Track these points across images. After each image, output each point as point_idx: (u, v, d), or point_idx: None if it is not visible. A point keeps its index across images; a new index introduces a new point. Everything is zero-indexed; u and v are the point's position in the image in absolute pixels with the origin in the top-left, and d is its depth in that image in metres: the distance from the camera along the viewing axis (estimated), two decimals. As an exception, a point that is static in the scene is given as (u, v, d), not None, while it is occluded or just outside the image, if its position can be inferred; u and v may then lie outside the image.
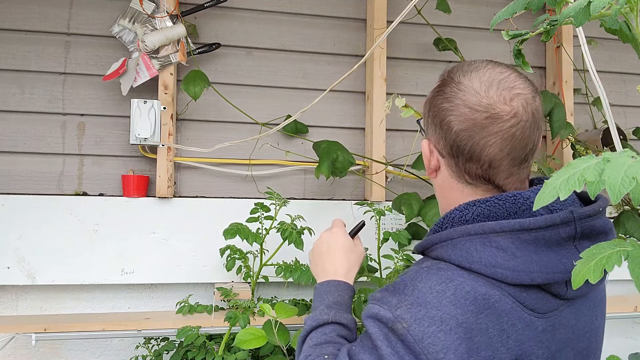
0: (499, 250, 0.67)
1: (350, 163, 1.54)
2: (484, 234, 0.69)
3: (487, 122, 0.71)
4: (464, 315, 0.64)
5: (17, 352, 1.61)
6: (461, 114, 0.72)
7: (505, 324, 0.65)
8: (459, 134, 0.72)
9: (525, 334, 0.66)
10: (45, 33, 1.65)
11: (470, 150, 0.72)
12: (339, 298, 0.91)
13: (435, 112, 0.76)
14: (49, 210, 1.56)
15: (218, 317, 1.47)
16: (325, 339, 0.83)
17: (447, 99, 0.74)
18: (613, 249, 0.56)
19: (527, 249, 0.67)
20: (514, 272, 0.66)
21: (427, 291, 0.67)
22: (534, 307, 0.68)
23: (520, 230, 0.67)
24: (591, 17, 0.58)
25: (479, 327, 0.64)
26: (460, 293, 0.66)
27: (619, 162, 0.48)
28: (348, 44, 1.84)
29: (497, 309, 0.65)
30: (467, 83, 0.73)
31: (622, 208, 1.71)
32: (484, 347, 0.64)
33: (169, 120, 1.62)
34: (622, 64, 2.05)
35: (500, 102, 0.71)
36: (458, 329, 0.64)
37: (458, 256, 0.69)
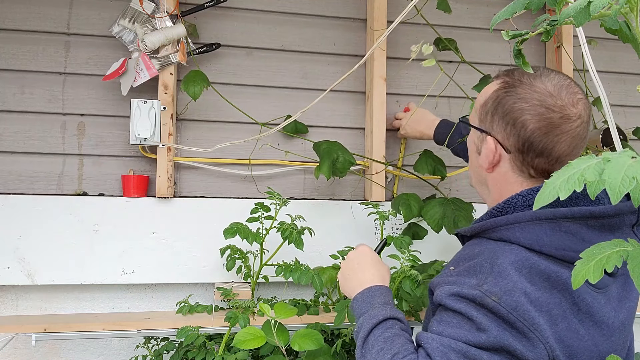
0: (568, 235, 0.75)
1: (350, 163, 1.54)
2: (554, 219, 0.76)
3: (560, 121, 0.80)
4: (539, 290, 0.72)
5: (17, 352, 1.61)
6: (538, 113, 0.80)
7: (576, 297, 0.74)
8: (534, 131, 0.80)
9: (594, 306, 0.75)
10: (45, 33, 1.65)
11: (543, 147, 0.81)
12: (385, 299, 0.94)
13: (507, 110, 0.83)
14: (49, 210, 1.56)
15: (218, 317, 1.46)
16: (392, 333, 0.84)
17: (522, 99, 0.82)
18: (613, 249, 0.56)
19: (593, 234, 0.75)
20: None
21: (507, 266, 0.74)
22: (595, 284, 0.75)
23: (589, 217, 0.75)
24: (591, 17, 0.58)
25: (554, 301, 0.72)
26: (535, 271, 0.73)
27: (619, 162, 0.48)
28: (348, 44, 1.84)
29: (568, 285, 0.73)
30: (541, 86, 0.83)
31: (622, 208, 1.71)
32: (561, 319, 0.72)
33: (169, 120, 1.62)
34: (622, 64, 2.05)
35: (570, 104, 0.81)
36: (536, 303, 0.71)
37: (527, 239, 0.76)
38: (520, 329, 0.70)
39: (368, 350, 0.83)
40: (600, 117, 1.98)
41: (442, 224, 1.49)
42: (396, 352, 0.79)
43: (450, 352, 0.72)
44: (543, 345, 0.70)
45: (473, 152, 0.93)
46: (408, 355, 0.78)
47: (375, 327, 0.86)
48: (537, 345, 0.70)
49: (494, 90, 0.88)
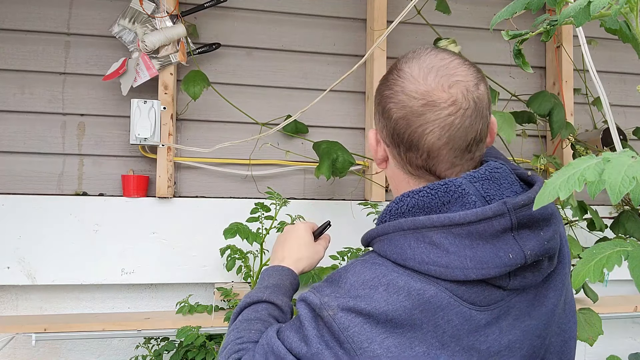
0: (432, 247, 0.65)
1: (350, 163, 1.54)
2: (416, 229, 0.67)
3: (423, 109, 0.68)
4: (395, 311, 0.63)
5: (17, 352, 1.61)
6: (399, 101, 0.69)
7: (440, 319, 0.64)
8: (397, 121, 0.70)
9: (464, 328, 0.64)
10: (45, 33, 1.65)
11: (409, 139, 0.70)
12: (279, 281, 0.92)
13: (379, 100, 0.74)
14: (49, 210, 1.56)
15: (218, 317, 1.47)
16: (255, 316, 0.83)
17: (388, 86, 0.72)
18: (613, 249, 0.56)
19: (461, 244, 0.64)
20: (447, 268, 0.64)
21: (359, 285, 0.66)
22: (473, 301, 0.65)
23: (451, 225, 0.64)
24: (591, 17, 0.58)
25: (412, 322, 0.63)
26: (392, 289, 0.65)
27: (619, 162, 0.48)
28: (348, 44, 1.84)
29: (433, 304, 0.64)
30: (407, 70, 0.71)
31: (622, 208, 1.71)
32: (418, 342, 0.63)
33: (169, 120, 1.62)
34: (622, 64, 2.05)
35: (438, 89, 0.68)
36: (387, 324, 0.63)
37: (393, 252, 0.68)
38: (347, 350, 0.64)
39: (231, 326, 0.84)
40: (600, 117, 1.98)
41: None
42: (239, 337, 0.78)
43: (270, 354, 0.69)
44: None
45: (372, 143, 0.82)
46: (246, 343, 0.76)
47: (247, 307, 0.86)
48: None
49: (383, 76, 0.77)
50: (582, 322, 1.48)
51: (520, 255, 0.64)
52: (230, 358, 0.76)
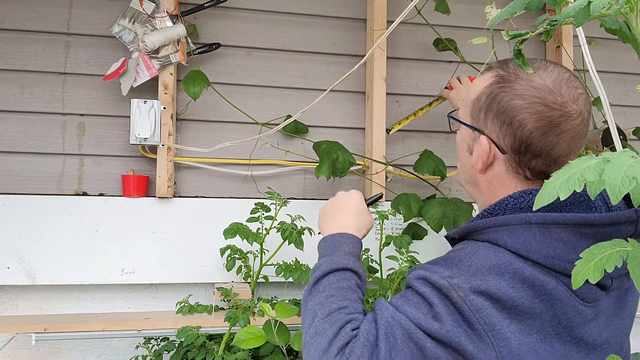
0: (559, 242, 0.69)
1: (350, 163, 1.54)
2: (545, 224, 0.70)
3: (561, 120, 0.74)
4: (520, 299, 0.67)
5: (17, 352, 1.61)
6: (537, 111, 0.73)
7: (558, 310, 0.68)
8: (532, 131, 0.74)
9: (576, 321, 0.69)
10: (45, 33, 1.65)
11: (542, 148, 0.74)
12: (354, 249, 0.91)
13: (503, 108, 0.76)
14: (49, 210, 1.56)
15: (218, 317, 1.46)
16: (347, 284, 0.82)
17: (520, 95, 0.75)
18: (613, 249, 0.56)
19: (586, 244, 0.66)
20: (572, 264, 0.66)
21: (486, 268, 0.69)
22: (583, 297, 0.70)
23: (583, 225, 0.69)
24: (591, 17, 0.57)
25: (533, 311, 0.67)
26: (519, 277, 0.68)
27: (619, 162, 0.48)
28: (348, 44, 1.84)
29: (553, 295, 0.68)
30: (539, 80, 0.75)
31: (622, 208, 1.71)
32: (536, 330, 0.67)
33: (169, 120, 1.62)
34: (622, 64, 2.05)
35: (571, 100, 0.74)
36: (511, 310, 0.67)
37: (515, 243, 0.71)
38: (478, 331, 0.66)
39: (318, 292, 0.81)
40: (600, 117, 1.98)
41: (442, 224, 1.49)
42: (344, 306, 0.76)
43: (397, 327, 0.68)
44: (496, 353, 0.66)
45: (464, 151, 0.86)
46: (354, 314, 0.75)
47: (332, 273, 0.84)
48: (490, 352, 0.66)
49: (488, 84, 0.79)
50: (582, 322, 1.48)
51: None
52: (346, 328, 0.72)
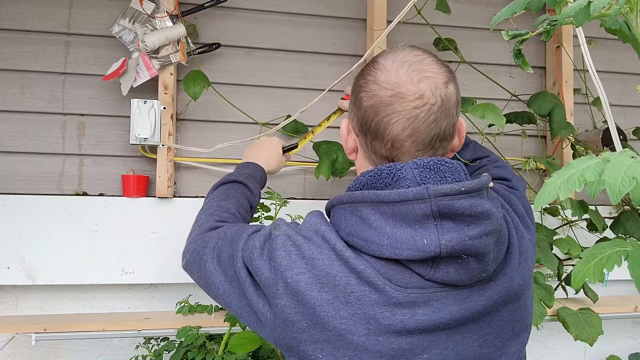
0: (360, 220, 0.69)
1: (350, 163, 1.54)
2: (352, 203, 0.71)
3: (392, 99, 0.71)
4: (320, 254, 0.70)
5: (17, 352, 1.61)
6: (370, 89, 0.73)
7: (353, 279, 0.68)
8: (367, 110, 0.73)
9: (371, 297, 0.67)
10: (45, 33, 1.65)
11: (375, 128, 0.73)
12: (254, 172, 1.15)
13: (353, 89, 0.78)
14: (49, 210, 1.56)
15: (218, 317, 1.47)
16: (233, 193, 1.06)
17: (363, 76, 0.76)
18: (613, 249, 0.56)
19: (385, 222, 0.67)
20: (366, 242, 0.68)
21: (307, 226, 0.74)
22: (390, 278, 0.68)
23: (378, 203, 0.67)
24: (591, 17, 0.58)
25: (329, 272, 0.68)
26: (327, 238, 0.71)
27: (619, 162, 0.48)
28: (348, 44, 1.84)
29: (353, 265, 0.68)
30: (382, 62, 0.75)
31: (622, 208, 1.71)
32: (327, 290, 0.68)
33: (169, 120, 1.62)
34: (622, 64, 2.05)
35: (408, 82, 0.71)
36: (309, 262, 0.70)
37: (334, 224, 0.74)
38: (272, 266, 0.71)
39: (214, 195, 1.07)
40: (600, 117, 1.98)
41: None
42: (222, 205, 1.01)
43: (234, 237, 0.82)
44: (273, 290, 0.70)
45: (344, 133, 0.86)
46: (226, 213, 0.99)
47: (230, 183, 1.09)
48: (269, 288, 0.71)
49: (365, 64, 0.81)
50: (582, 322, 1.48)
51: (435, 243, 0.64)
52: (212, 218, 0.97)
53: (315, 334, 0.68)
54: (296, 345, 0.70)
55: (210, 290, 0.85)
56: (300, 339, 0.69)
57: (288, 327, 0.70)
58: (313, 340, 0.68)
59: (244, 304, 0.76)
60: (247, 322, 0.77)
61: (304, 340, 0.69)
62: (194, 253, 0.90)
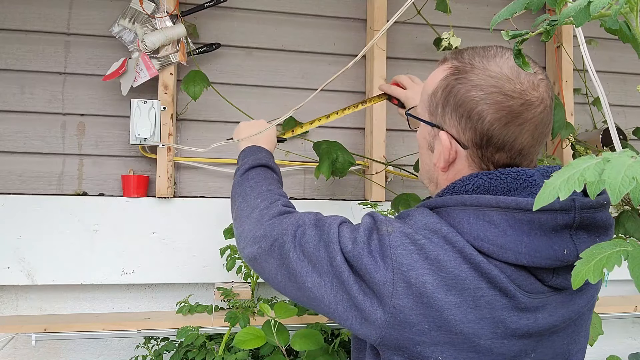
0: (490, 225, 0.66)
1: (350, 163, 1.54)
2: (479, 207, 0.67)
3: (521, 109, 0.69)
4: (446, 257, 0.66)
5: (17, 352, 1.61)
6: (496, 102, 0.69)
7: (484, 283, 0.65)
8: (493, 123, 0.69)
9: (502, 301, 0.65)
10: (45, 33, 1.65)
11: (504, 140, 0.70)
12: (270, 157, 1.11)
13: (460, 101, 0.72)
14: (49, 210, 1.56)
15: (218, 317, 1.47)
16: (271, 176, 1.01)
17: (477, 86, 0.71)
18: (613, 249, 0.55)
19: (519, 229, 0.65)
20: (501, 249, 0.65)
21: (422, 225, 0.69)
22: (519, 284, 0.66)
23: (516, 209, 0.65)
24: (591, 17, 0.57)
25: (458, 274, 0.65)
26: (451, 239, 0.67)
27: (619, 162, 0.48)
28: (348, 44, 1.84)
29: (483, 269, 0.65)
30: (496, 69, 0.71)
31: (622, 208, 1.71)
32: (455, 292, 0.65)
33: (169, 120, 1.62)
34: (622, 64, 2.05)
35: (531, 88, 0.70)
36: (434, 264, 0.65)
37: (450, 224, 0.69)
38: (387, 263, 0.66)
39: (247, 180, 0.98)
40: (600, 117, 1.98)
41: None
42: (271, 189, 0.94)
43: (325, 232, 0.75)
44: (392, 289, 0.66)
45: (425, 149, 0.81)
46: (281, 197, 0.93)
47: (260, 166, 1.01)
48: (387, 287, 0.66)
49: (443, 77, 0.75)
50: (582, 322, 1.48)
51: (574, 253, 0.64)
52: (277, 203, 0.89)
53: (437, 336, 0.66)
54: (411, 347, 0.67)
55: (293, 282, 0.77)
56: (417, 341, 0.66)
57: (405, 328, 0.66)
58: (433, 342, 0.66)
59: (342, 299, 0.71)
60: (341, 318, 0.71)
61: (422, 342, 0.66)
62: (270, 240, 0.81)
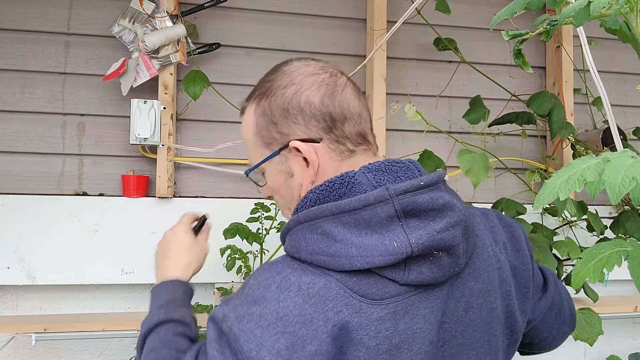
0: (322, 236, 0.63)
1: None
2: (310, 221, 0.65)
3: (333, 79, 0.72)
4: (286, 308, 0.60)
5: (17, 352, 1.61)
6: (312, 83, 0.71)
7: (329, 311, 0.60)
8: (323, 100, 0.70)
9: (354, 321, 0.60)
10: (45, 33, 1.65)
11: (342, 109, 0.71)
12: (172, 296, 0.89)
13: (284, 105, 0.71)
14: (49, 210, 1.56)
15: (218, 317, 1.46)
16: (160, 342, 0.79)
17: (287, 85, 0.72)
18: (613, 249, 0.56)
19: (349, 233, 0.62)
20: (334, 257, 0.62)
21: (255, 287, 0.63)
22: (364, 293, 0.62)
23: (340, 213, 0.63)
24: (591, 17, 0.58)
25: (304, 318, 0.59)
26: (284, 285, 0.62)
27: (619, 162, 0.48)
28: (348, 44, 1.84)
29: (322, 296, 0.60)
30: (287, 68, 0.75)
31: (622, 208, 1.71)
32: (310, 340, 0.59)
33: (169, 120, 1.62)
34: (622, 64, 2.05)
35: (321, 68, 0.74)
36: (277, 323, 0.59)
37: (291, 247, 0.66)
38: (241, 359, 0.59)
39: (154, 339, 0.81)
40: (600, 117, 1.98)
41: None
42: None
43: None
44: None
45: (282, 183, 0.75)
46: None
47: (149, 335, 0.83)
48: None
49: (253, 111, 0.76)
50: (582, 322, 1.48)
51: (405, 243, 0.61)
52: None
53: None
54: None
55: None
56: None
57: None
58: None
59: None
60: None
61: None
62: None
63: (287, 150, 0.72)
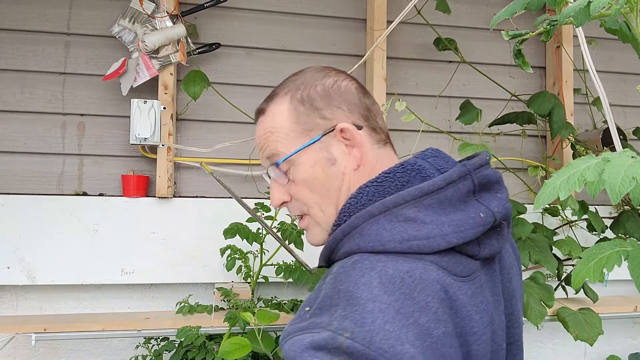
0: (408, 223, 0.62)
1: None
2: (387, 211, 0.63)
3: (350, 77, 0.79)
4: (397, 300, 0.56)
5: (17, 352, 1.61)
6: (344, 77, 0.77)
7: (439, 292, 0.59)
8: (357, 92, 0.76)
9: (460, 299, 0.61)
10: (45, 33, 1.65)
11: (372, 103, 0.77)
12: None
13: (326, 93, 0.74)
14: (49, 210, 1.56)
15: (218, 317, 1.46)
16: None
17: (324, 77, 0.77)
18: (613, 249, 0.56)
19: (435, 213, 0.62)
20: (429, 239, 0.61)
21: (353, 289, 0.58)
22: (456, 272, 0.62)
23: (422, 196, 0.63)
24: (591, 17, 0.58)
25: (419, 306, 0.57)
26: (385, 278, 0.58)
27: (619, 162, 0.48)
28: (348, 44, 1.84)
29: (425, 280, 0.59)
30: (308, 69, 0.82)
31: (622, 208, 1.71)
32: (434, 325, 0.57)
33: (169, 120, 1.62)
34: (622, 64, 2.05)
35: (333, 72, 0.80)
36: (397, 316, 0.55)
37: (368, 242, 0.63)
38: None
39: None
40: (600, 117, 1.98)
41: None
42: None
43: None
44: None
45: (323, 172, 0.72)
46: None
47: None
48: None
49: (289, 100, 0.78)
50: (582, 322, 1.48)
51: (489, 213, 0.64)
52: None
53: None
54: None
55: None
56: None
57: None
58: None
59: None
60: None
61: None
62: None
63: (330, 136, 0.72)
